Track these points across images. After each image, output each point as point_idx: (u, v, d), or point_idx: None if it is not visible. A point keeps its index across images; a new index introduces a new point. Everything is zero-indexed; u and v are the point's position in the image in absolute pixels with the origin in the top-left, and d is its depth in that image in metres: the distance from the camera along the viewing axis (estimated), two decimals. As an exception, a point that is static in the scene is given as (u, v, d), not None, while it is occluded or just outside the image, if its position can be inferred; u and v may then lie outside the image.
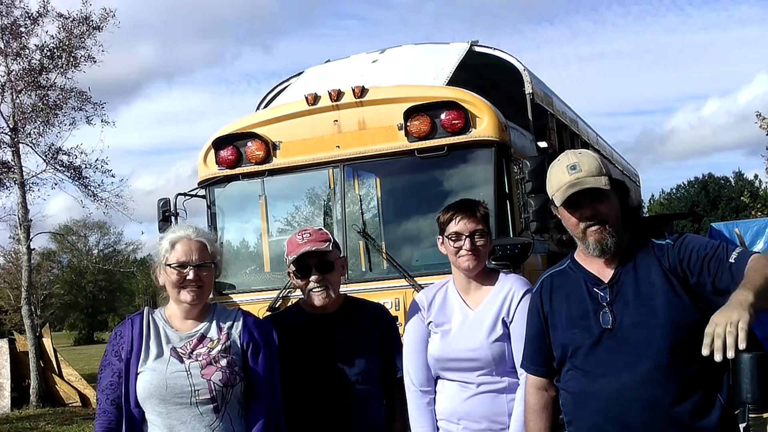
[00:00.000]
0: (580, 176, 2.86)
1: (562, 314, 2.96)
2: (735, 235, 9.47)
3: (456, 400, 3.30)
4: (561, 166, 2.94)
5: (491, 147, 6.02)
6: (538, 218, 5.52)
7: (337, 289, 3.46)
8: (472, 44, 8.08)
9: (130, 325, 3.11)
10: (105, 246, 65.95)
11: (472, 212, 3.34)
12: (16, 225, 17.94)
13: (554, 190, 2.93)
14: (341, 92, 6.39)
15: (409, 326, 3.46)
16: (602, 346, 2.83)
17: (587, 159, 2.92)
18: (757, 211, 18.75)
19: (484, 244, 3.34)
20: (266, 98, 9.01)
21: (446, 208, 3.41)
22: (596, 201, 2.87)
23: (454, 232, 3.31)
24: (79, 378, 16.83)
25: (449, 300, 3.41)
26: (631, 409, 2.75)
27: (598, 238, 2.87)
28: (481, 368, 3.26)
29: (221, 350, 3.04)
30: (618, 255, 2.91)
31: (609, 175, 2.92)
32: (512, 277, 3.44)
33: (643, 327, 2.77)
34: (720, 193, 60.03)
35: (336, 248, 3.48)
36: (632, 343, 2.78)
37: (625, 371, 2.77)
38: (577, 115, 10.10)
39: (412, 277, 5.85)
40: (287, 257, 3.45)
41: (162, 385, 2.95)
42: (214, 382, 2.96)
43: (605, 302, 2.86)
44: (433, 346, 3.36)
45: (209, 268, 3.13)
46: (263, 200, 6.98)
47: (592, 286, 2.92)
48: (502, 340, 3.26)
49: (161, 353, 3.03)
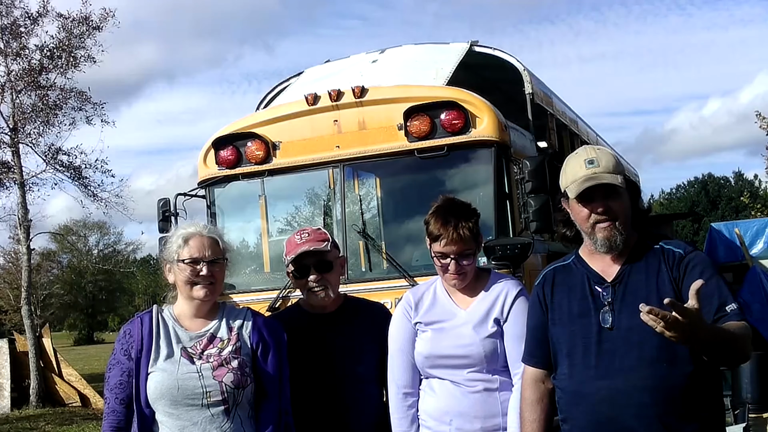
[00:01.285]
0: (597, 171, 2.86)
1: (563, 310, 2.96)
2: (735, 235, 9.46)
3: (448, 400, 3.23)
4: (579, 159, 2.94)
5: (491, 147, 6.01)
6: (538, 218, 5.51)
7: (336, 288, 3.45)
8: (472, 44, 8.08)
9: (140, 324, 3.09)
10: (105, 246, 65.97)
11: (458, 235, 3.18)
12: (16, 225, 17.96)
13: (569, 182, 2.92)
14: (341, 92, 6.39)
15: (394, 326, 3.40)
16: (600, 347, 2.83)
17: (605, 155, 2.93)
18: (757, 211, 18.76)
19: (471, 263, 3.26)
20: (266, 98, 9.00)
21: (434, 216, 3.27)
22: (609, 198, 2.87)
23: (440, 252, 3.23)
24: (79, 378, 16.84)
25: (438, 300, 3.35)
26: (624, 414, 2.75)
27: (606, 235, 2.86)
28: (472, 365, 3.21)
29: (232, 351, 3.03)
30: (624, 255, 2.90)
31: (624, 174, 2.92)
32: (504, 278, 3.40)
33: (641, 331, 2.74)
34: (720, 193, 60.08)
35: (335, 248, 3.48)
36: (629, 347, 2.78)
37: (620, 375, 2.77)
38: (577, 115, 10.10)
39: (412, 277, 5.85)
40: (286, 257, 3.45)
41: (173, 387, 2.94)
42: (226, 383, 2.96)
43: (606, 301, 2.85)
44: (422, 345, 3.30)
45: (221, 264, 3.14)
46: (263, 200, 6.98)
47: (595, 284, 2.91)
48: (494, 337, 3.22)
49: (171, 353, 3.02)
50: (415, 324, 3.34)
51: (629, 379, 2.74)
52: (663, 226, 11.52)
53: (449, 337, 3.25)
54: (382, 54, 8.34)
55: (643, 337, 2.74)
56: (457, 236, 3.18)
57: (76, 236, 61.57)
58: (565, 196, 2.96)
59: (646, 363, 2.74)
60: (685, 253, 2.85)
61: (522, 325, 3.16)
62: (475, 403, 3.20)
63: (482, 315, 3.24)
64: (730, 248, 9.52)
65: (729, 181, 61.92)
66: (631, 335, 2.78)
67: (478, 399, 3.20)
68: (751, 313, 8.51)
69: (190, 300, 3.11)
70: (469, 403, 3.20)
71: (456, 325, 3.26)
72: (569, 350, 2.91)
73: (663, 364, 2.72)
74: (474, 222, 3.26)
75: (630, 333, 2.78)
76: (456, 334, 3.24)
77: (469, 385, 3.21)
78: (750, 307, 8.53)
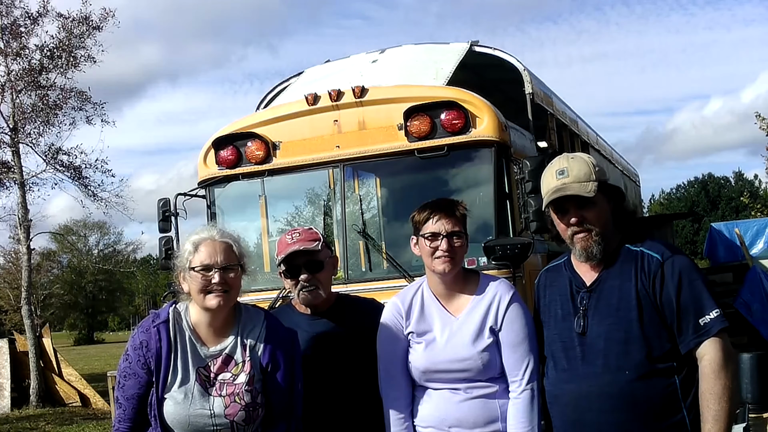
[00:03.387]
0: (566, 182, 2.87)
1: (552, 312, 3.03)
2: (735, 236, 9.48)
3: (446, 407, 3.16)
4: (551, 169, 2.96)
5: (491, 147, 6.02)
6: (538, 218, 5.51)
7: (327, 287, 3.44)
8: (472, 44, 8.08)
9: (157, 335, 2.97)
10: (105, 246, 66.00)
11: (451, 212, 3.16)
12: (16, 225, 17.94)
13: (543, 192, 2.98)
14: (341, 92, 6.39)
15: (385, 334, 3.29)
16: (574, 351, 2.89)
17: (577, 164, 2.91)
18: (757, 211, 18.74)
19: (461, 246, 3.17)
20: (266, 98, 9.00)
21: (422, 207, 3.24)
22: (583, 208, 2.88)
23: (430, 232, 3.14)
24: (79, 378, 16.83)
25: (428, 307, 3.25)
26: (586, 419, 2.82)
27: (584, 245, 2.89)
28: (470, 379, 3.14)
29: (245, 382, 2.96)
30: (605, 260, 2.92)
31: (601, 180, 2.90)
32: (494, 281, 3.28)
33: (606, 339, 2.82)
34: (720, 193, 60.10)
35: (326, 247, 3.46)
36: (596, 353, 2.83)
37: (585, 380, 2.82)
38: (577, 115, 10.10)
39: (412, 277, 5.84)
40: (277, 257, 3.44)
41: (185, 422, 2.92)
42: (237, 422, 2.94)
43: (582, 307, 2.90)
44: (417, 358, 3.20)
45: (236, 270, 3.01)
46: (263, 200, 6.98)
47: (576, 289, 2.96)
48: (491, 348, 3.13)
49: (186, 378, 2.95)
50: (408, 334, 3.25)
51: (592, 384, 2.80)
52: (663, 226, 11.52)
53: (445, 350, 3.16)
54: (382, 54, 8.34)
55: (609, 345, 2.80)
56: (450, 213, 3.16)
57: (76, 236, 61.61)
58: (547, 208, 3.00)
59: (610, 370, 2.78)
60: (662, 259, 2.82)
61: (517, 332, 3.12)
62: (473, 409, 3.14)
63: (477, 325, 3.15)
64: (730, 248, 9.54)
65: (729, 181, 61.94)
66: (598, 342, 2.83)
67: (476, 405, 3.14)
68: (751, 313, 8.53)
69: (204, 309, 3.00)
70: (467, 410, 3.14)
71: (450, 336, 3.17)
72: (553, 353, 2.99)
73: (625, 372, 2.76)
74: (465, 210, 3.23)
75: (598, 339, 2.83)
76: (451, 347, 3.15)
77: (468, 392, 3.16)
78: (750, 307, 8.54)
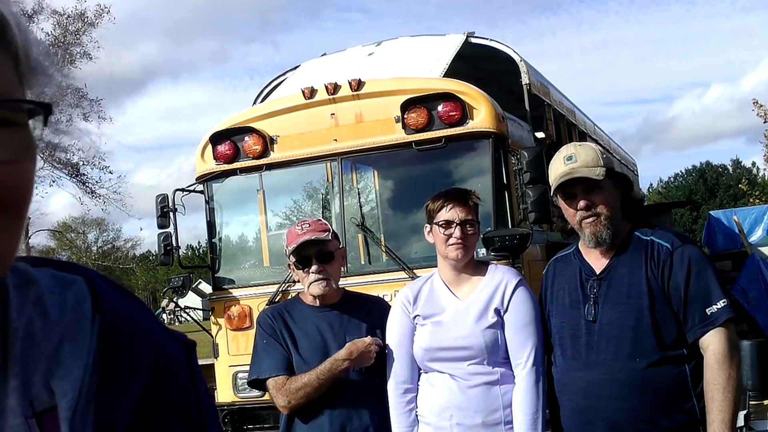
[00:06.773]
0: (574, 166, 2.92)
1: (559, 301, 3.06)
2: (733, 223, 9.48)
3: (448, 394, 3.19)
4: (560, 156, 3.01)
5: (489, 138, 6.01)
6: (537, 209, 5.52)
7: (337, 280, 3.45)
8: (468, 35, 8.07)
9: None
10: (104, 242, 65.88)
11: (464, 201, 3.25)
12: (14, 223, 17.91)
13: (552, 180, 3.01)
14: (338, 85, 6.38)
15: (392, 321, 3.36)
16: (583, 339, 2.92)
17: (585, 150, 2.98)
18: (756, 198, 18.79)
19: (474, 234, 3.25)
20: (263, 92, 8.99)
21: (436, 196, 3.33)
22: (591, 192, 2.91)
23: (444, 220, 3.21)
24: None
25: (437, 292, 3.32)
26: (596, 406, 2.85)
27: (593, 231, 2.91)
28: (473, 357, 3.17)
29: None
30: (614, 248, 2.94)
31: (608, 167, 2.95)
32: (503, 268, 3.37)
33: (618, 326, 2.85)
34: (718, 181, 60.19)
35: (335, 238, 3.48)
36: (607, 341, 2.86)
37: (596, 368, 2.85)
38: (574, 105, 10.10)
39: (411, 270, 5.85)
40: (287, 248, 3.44)
41: None
42: None
43: (593, 295, 2.93)
44: (422, 337, 3.27)
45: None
46: (261, 195, 6.98)
47: (586, 277, 2.98)
48: (495, 328, 3.17)
49: None
50: (414, 317, 3.31)
51: (604, 372, 2.83)
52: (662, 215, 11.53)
53: (449, 329, 3.22)
54: (379, 47, 8.33)
55: (620, 332, 2.83)
56: (463, 202, 3.24)
57: (75, 233, 61.55)
58: (555, 195, 3.02)
59: (621, 357, 2.82)
60: (672, 248, 2.85)
61: (523, 315, 3.17)
62: (475, 397, 3.16)
63: (482, 305, 3.21)
64: (729, 236, 9.54)
65: (727, 168, 62.02)
66: (610, 329, 2.86)
67: (478, 393, 3.16)
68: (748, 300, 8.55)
69: None
70: (469, 398, 3.16)
71: (455, 316, 3.23)
72: (560, 340, 3.02)
73: (636, 359, 2.79)
74: (478, 199, 3.33)
75: (609, 327, 2.86)
76: (456, 326, 3.21)
77: (469, 378, 3.18)
78: (748, 295, 8.56)
